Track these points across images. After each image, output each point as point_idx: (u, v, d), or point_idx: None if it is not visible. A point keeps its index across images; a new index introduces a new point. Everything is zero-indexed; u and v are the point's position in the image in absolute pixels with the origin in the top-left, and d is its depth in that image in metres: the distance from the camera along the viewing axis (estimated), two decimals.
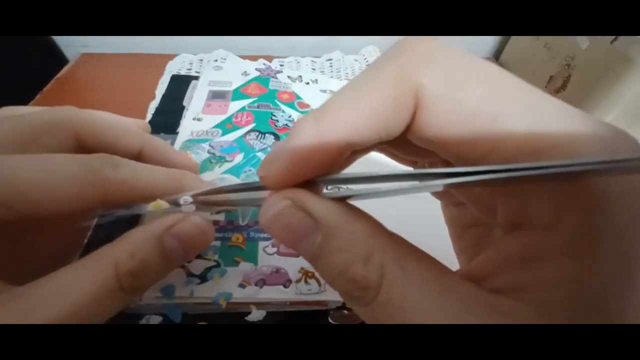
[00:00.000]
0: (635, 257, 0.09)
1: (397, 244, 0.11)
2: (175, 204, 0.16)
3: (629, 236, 0.09)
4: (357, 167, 0.14)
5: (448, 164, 0.12)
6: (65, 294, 0.13)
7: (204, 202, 0.17)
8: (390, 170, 0.11)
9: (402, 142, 0.12)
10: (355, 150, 0.12)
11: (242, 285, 0.24)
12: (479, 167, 0.09)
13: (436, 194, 0.18)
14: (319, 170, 0.11)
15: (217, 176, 0.30)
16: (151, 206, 0.16)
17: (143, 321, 0.23)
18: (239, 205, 0.21)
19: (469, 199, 0.14)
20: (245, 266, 0.25)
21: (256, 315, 0.24)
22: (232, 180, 0.30)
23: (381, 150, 0.15)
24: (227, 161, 0.32)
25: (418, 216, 0.25)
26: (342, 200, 0.12)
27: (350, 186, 0.13)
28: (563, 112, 0.09)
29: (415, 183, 0.11)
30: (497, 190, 0.11)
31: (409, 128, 0.11)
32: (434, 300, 0.10)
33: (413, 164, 0.16)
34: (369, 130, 0.11)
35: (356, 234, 0.11)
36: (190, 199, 0.16)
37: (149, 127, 0.26)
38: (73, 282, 0.13)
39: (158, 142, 0.22)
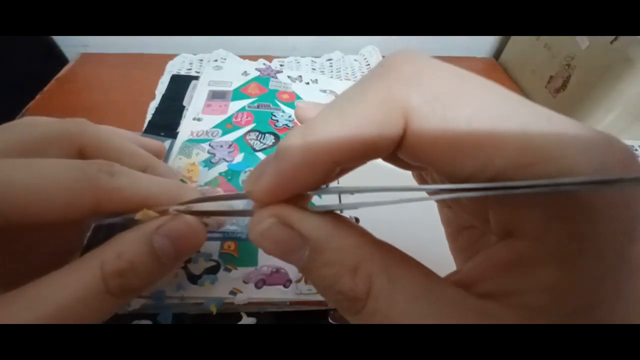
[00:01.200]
0: (621, 267, 0.09)
1: (384, 253, 0.11)
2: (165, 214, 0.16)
3: (615, 246, 0.09)
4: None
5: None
6: (49, 297, 0.13)
7: (194, 214, 0.16)
8: (380, 185, 0.11)
9: (392, 158, 0.12)
10: (344, 167, 0.12)
11: (233, 293, 0.23)
12: (471, 185, 0.10)
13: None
14: (306, 187, 0.11)
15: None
16: (139, 215, 0.15)
17: None
18: (227, 215, 0.21)
19: (462, 209, 0.14)
20: (237, 274, 0.24)
21: (247, 322, 0.24)
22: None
23: None
24: (227, 161, 0.32)
25: (415, 218, 0.25)
26: (330, 212, 0.12)
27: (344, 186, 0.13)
28: (553, 123, 0.09)
29: (405, 195, 0.11)
30: (489, 199, 0.11)
31: (398, 147, 0.11)
32: (420, 308, 0.10)
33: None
34: (357, 150, 0.10)
35: (343, 247, 0.11)
36: (181, 208, 0.16)
37: (164, 149, 0.25)
38: (58, 285, 0.13)
39: (162, 168, 0.21)
